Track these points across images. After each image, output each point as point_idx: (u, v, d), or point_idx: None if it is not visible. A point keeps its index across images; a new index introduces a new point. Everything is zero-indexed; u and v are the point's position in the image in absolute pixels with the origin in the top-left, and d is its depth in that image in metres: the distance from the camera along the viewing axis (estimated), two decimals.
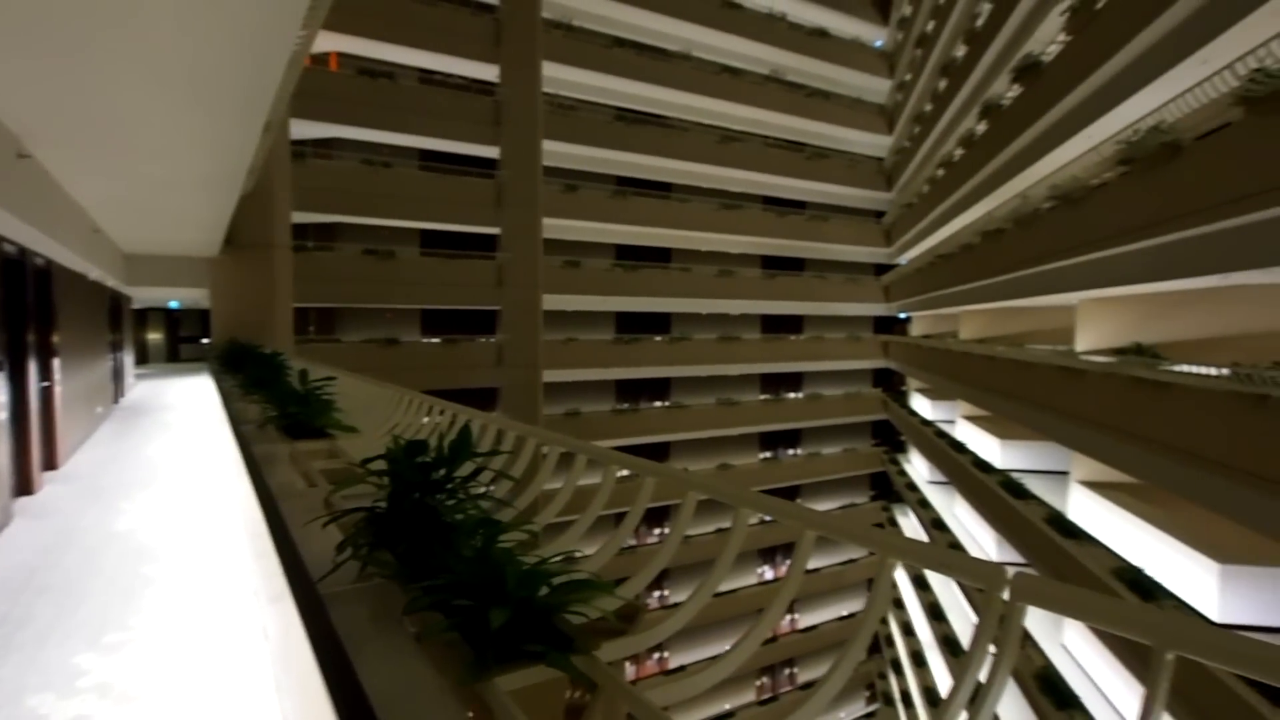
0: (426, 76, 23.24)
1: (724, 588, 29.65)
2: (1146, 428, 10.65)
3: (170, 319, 29.77)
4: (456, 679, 1.45)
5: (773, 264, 33.58)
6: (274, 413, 6.05)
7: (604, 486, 2.16)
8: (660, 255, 30.77)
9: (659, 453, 30.86)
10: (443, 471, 2.19)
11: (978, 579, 1.34)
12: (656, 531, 30.03)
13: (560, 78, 25.53)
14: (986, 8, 19.51)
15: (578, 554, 1.98)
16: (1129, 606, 1.20)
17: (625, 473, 2.31)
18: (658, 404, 30.67)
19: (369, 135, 21.61)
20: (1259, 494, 8.02)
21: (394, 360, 21.43)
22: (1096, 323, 14.56)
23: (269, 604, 3.31)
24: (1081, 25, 12.82)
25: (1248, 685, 8.22)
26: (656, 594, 30.07)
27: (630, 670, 28.36)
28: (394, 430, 4.56)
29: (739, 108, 30.02)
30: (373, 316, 23.35)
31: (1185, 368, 9.76)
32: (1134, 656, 10.96)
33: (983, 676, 1.36)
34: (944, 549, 1.49)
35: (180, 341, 30.37)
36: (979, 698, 1.33)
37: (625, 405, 29.70)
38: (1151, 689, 1.17)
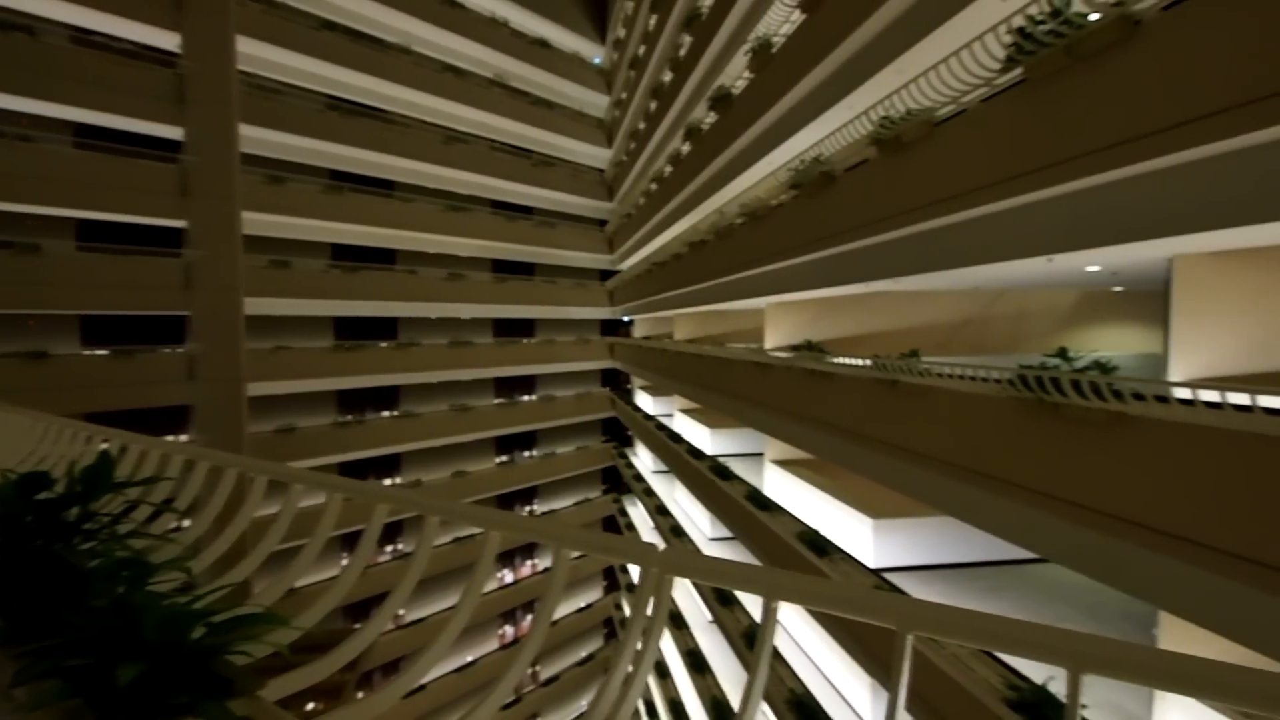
0: (82, 36, 19.29)
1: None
2: (816, 411, 12.62)
3: None
4: None
5: (503, 268, 33.68)
6: None
7: (285, 511, 2.00)
8: (384, 256, 29.16)
9: (389, 465, 29.28)
10: (76, 510, 1.86)
11: (634, 558, 1.51)
12: (389, 549, 28.44)
13: (260, 56, 22.87)
14: (688, 40, 21.57)
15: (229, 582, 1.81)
16: (745, 567, 1.44)
17: (343, 497, 2.17)
18: (386, 414, 29.03)
19: None
20: (894, 460, 9.94)
21: (43, 378, 17.44)
22: (780, 324, 16.91)
23: None
24: (761, 66, 14.76)
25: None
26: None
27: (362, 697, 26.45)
28: (28, 464, 3.74)
29: (463, 109, 29.55)
30: (8, 324, 18.82)
31: (841, 360, 11.75)
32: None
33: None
34: (609, 535, 1.64)
35: None
36: (639, 659, 1.50)
37: (349, 417, 27.64)
38: (762, 634, 1.41)
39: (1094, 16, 6.15)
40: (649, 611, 1.53)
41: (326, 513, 1.87)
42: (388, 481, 29.64)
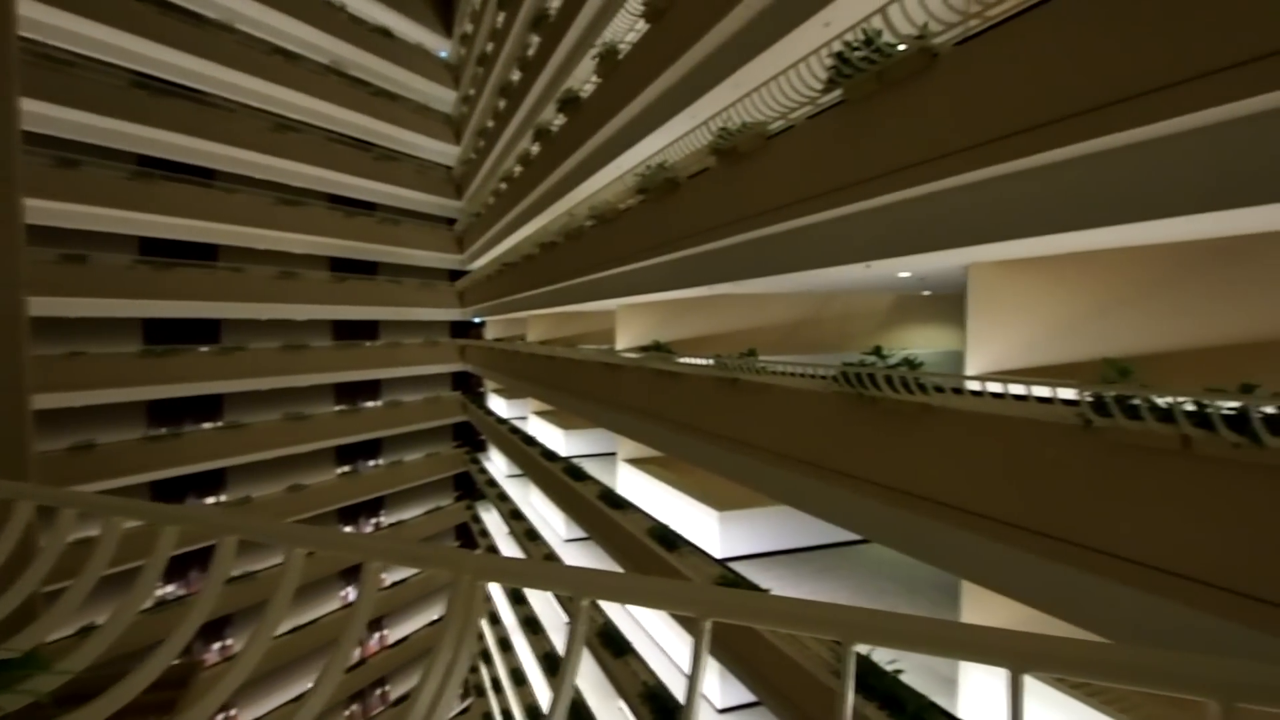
0: None
1: (303, 618, 27.09)
2: (664, 409, 12.99)
3: None
4: None
5: (342, 266, 31.80)
6: None
7: (51, 544, 1.76)
8: (204, 252, 26.60)
9: (212, 482, 26.76)
10: None
11: (445, 566, 1.50)
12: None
13: (49, 23, 20.01)
14: (536, 40, 21.44)
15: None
16: (556, 568, 1.48)
17: (134, 523, 1.93)
18: (207, 425, 26.48)
19: None
20: (736, 454, 10.44)
21: None
22: (631, 325, 17.25)
23: None
24: (608, 71, 14.97)
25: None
26: (218, 645, 26.05)
27: None
28: None
29: (295, 95, 27.49)
30: None
31: (687, 360, 12.18)
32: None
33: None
34: (419, 545, 1.62)
35: None
36: (450, 670, 1.49)
37: (162, 430, 24.94)
38: (572, 629, 1.45)
39: (901, 47, 6.80)
40: (461, 620, 1.52)
41: (102, 542, 1.68)
42: (211, 500, 27.08)
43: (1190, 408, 4.64)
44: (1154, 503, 4.96)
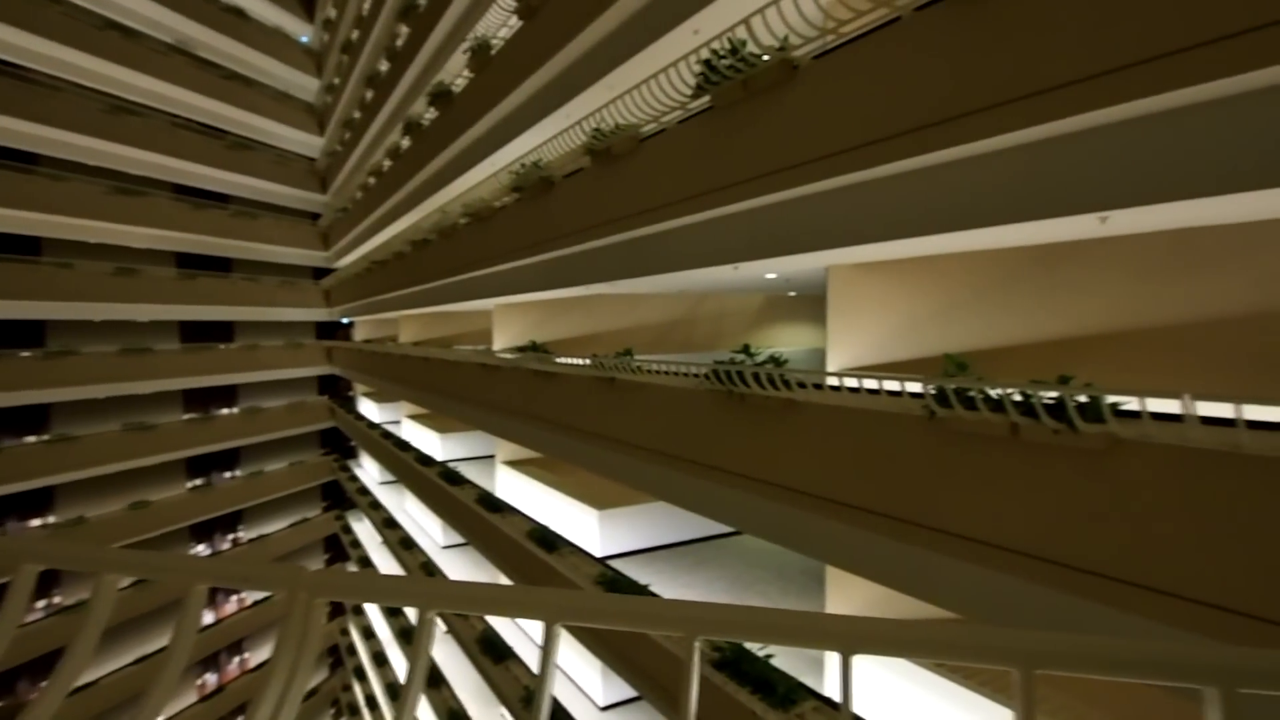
0: None
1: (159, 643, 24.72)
2: (542, 410, 12.88)
3: None
4: None
5: (191, 262, 29.23)
6: None
7: None
8: (25, 245, 23.68)
9: (38, 501, 23.94)
10: None
11: (279, 585, 1.40)
12: (44, 603, 23.24)
13: None
14: (405, 30, 20.60)
15: None
16: (400, 580, 1.42)
17: None
18: (30, 439, 23.62)
19: None
20: (614, 453, 10.51)
21: None
22: (508, 325, 16.97)
23: None
24: (480, 66, 14.63)
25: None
26: (40, 684, 23.25)
27: None
28: None
29: (133, 75, 24.95)
30: None
31: (564, 360, 12.14)
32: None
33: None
34: (249, 563, 1.51)
35: None
36: (287, 689, 1.40)
37: None
38: (416, 646, 1.40)
39: (765, 57, 7.08)
40: (300, 640, 1.43)
41: None
42: (37, 523, 24.16)
43: (1018, 398, 5.12)
44: (988, 485, 5.44)
